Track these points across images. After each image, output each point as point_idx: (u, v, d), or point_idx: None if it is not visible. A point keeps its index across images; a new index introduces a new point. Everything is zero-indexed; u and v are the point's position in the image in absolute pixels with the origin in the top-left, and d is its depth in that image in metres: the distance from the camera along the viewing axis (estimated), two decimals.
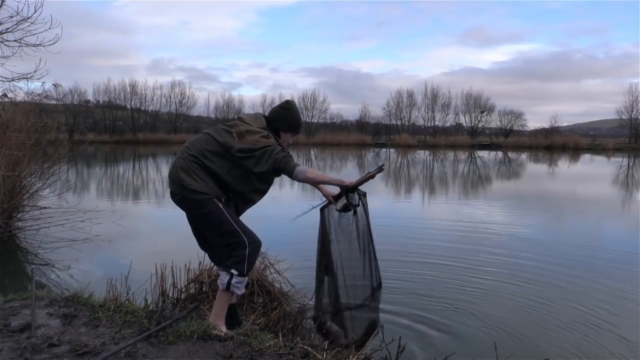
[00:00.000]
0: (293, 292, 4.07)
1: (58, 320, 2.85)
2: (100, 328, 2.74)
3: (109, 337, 2.60)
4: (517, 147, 54.22)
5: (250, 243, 2.89)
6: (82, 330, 2.71)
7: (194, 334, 2.59)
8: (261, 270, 4.04)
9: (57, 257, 6.07)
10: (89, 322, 2.82)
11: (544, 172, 24.92)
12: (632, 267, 5.93)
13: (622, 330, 3.98)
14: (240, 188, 3.02)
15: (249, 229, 2.98)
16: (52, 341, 2.51)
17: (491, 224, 8.94)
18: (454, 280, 5.24)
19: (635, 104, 60.76)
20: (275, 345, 2.52)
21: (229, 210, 2.96)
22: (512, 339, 3.74)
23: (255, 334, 2.68)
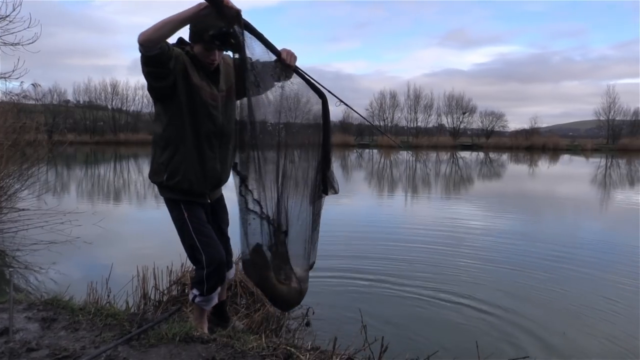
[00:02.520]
0: None
1: (37, 324, 2.80)
2: (80, 331, 2.70)
3: (89, 340, 2.57)
4: (498, 148, 54.91)
5: (209, 264, 2.63)
6: (62, 334, 2.67)
7: (176, 336, 2.57)
8: (244, 271, 4.02)
9: (36, 260, 5.97)
10: (68, 326, 2.77)
11: (524, 173, 25.26)
12: (612, 265, 6.06)
13: (602, 327, 4.06)
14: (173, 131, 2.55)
15: (213, 243, 2.68)
16: (31, 345, 2.47)
17: (474, 223, 9.04)
18: (437, 279, 5.28)
19: (612, 106, 62.05)
20: (258, 347, 2.51)
21: (194, 216, 2.67)
22: (494, 337, 3.78)
23: (238, 336, 2.66)
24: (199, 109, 2.53)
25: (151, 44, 2.24)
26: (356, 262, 5.82)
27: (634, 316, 4.32)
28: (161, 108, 2.55)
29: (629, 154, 47.55)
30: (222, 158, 2.69)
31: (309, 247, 2.60)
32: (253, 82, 2.42)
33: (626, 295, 4.92)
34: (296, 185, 2.57)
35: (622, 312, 4.45)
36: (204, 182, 2.64)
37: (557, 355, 3.54)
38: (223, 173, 2.73)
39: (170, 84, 2.43)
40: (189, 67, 2.50)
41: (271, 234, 2.42)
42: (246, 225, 2.41)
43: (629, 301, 4.74)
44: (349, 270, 5.45)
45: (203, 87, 2.55)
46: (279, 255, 2.42)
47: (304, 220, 2.55)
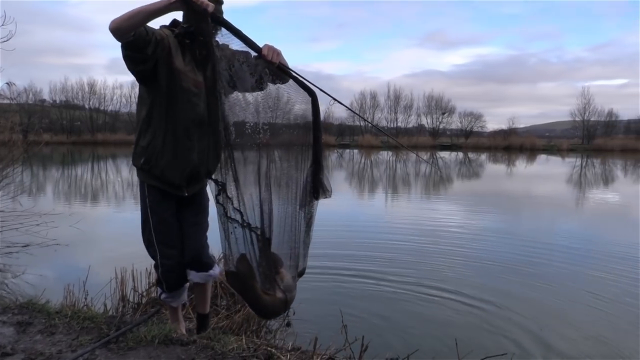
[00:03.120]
0: None
1: (12, 328, 2.75)
2: (57, 335, 2.66)
3: (66, 344, 2.53)
4: (477, 148, 55.62)
5: (162, 264, 2.57)
6: (38, 338, 2.63)
7: (155, 338, 2.55)
8: (224, 272, 4.00)
9: (10, 263, 5.85)
10: (44, 330, 2.73)
11: (503, 173, 25.62)
12: (589, 260, 6.20)
13: (580, 321, 4.15)
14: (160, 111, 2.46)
15: (171, 244, 2.59)
16: (6, 350, 2.42)
17: (454, 221, 9.13)
18: (418, 276, 5.32)
19: (587, 107, 63.39)
20: (238, 348, 2.50)
21: (158, 212, 2.57)
22: (473, 335, 3.83)
23: (218, 337, 2.65)
24: (178, 95, 2.43)
25: (121, 32, 2.17)
26: (337, 261, 5.84)
27: (612, 309, 4.42)
28: (144, 90, 2.48)
29: (603, 153, 48.64)
30: (202, 149, 2.52)
31: (299, 253, 2.47)
32: (228, 81, 2.28)
33: (604, 289, 5.06)
34: (282, 190, 2.43)
35: (600, 306, 4.58)
36: (179, 172, 2.50)
37: (535, 351, 3.60)
38: (201, 165, 2.55)
39: (149, 68, 2.35)
40: (174, 50, 2.40)
41: (254, 242, 2.30)
42: (228, 235, 2.28)
43: (607, 294, 4.88)
44: (330, 270, 5.46)
45: (186, 72, 2.43)
46: (264, 263, 2.31)
47: (292, 226, 2.42)
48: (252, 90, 2.41)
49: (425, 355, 3.18)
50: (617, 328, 4.11)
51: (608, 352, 3.63)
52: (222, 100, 2.23)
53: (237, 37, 2.29)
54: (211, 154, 2.53)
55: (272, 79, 2.40)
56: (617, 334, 3.98)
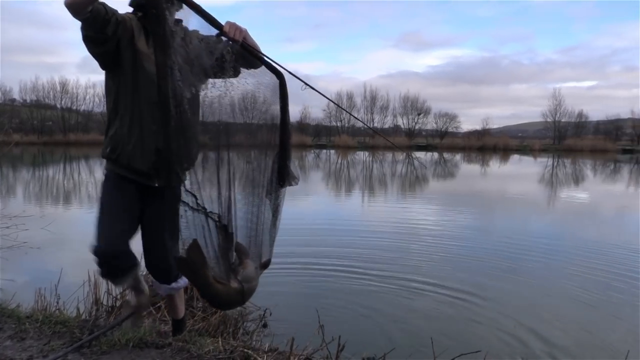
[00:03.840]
0: None
1: None
2: (28, 340, 2.60)
3: (37, 349, 2.48)
4: (452, 148, 56.41)
5: (94, 248, 2.36)
6: (7, 343, 2.56)
7: (130, 342, 2.51)
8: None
9: None
10: (14, 335, 2.67)
11: (477, 173, 26.01)
12: (561, 255, 6.35)
13: (554, 316, 4.24)
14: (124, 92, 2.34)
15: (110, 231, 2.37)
16: None
17: (428, 222, 9.23)
18: (393, 277, 5.36)
19: (558, 108, 64.98)
20: (215, 350, 2.49)
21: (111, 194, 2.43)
22: (448, 333, 3.87)
23: (194, 340, 2.63)
24: (141, 78, 2.31)
25: (76, 6, 2.06)
26: (313, 261, 5.84)
27: (588, 301, 4.55)
28: (109, 78, 2.39)
29: (574, 153, 49.91)
30: (169, 134, 2.35)
31: (262, 243, 2.34)
32: (184, 59, 2.08)
33: (579, 282, 5.22)
34: (245, 176, 2.31)
35: (575, 298, 4.73)
36: (146, 159, 2.35)
37: (508, 348, 3.67)
38: (172, 152, 2.33)
39: (109, 50, 2.25)
40: (137, 32, 2.30)
41: (211, 228, 2.15)
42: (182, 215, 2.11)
43: (582, 288, 5.04)
44: (306, 269, 5.47)
45: (149, 54, 2.28)
46: (223, 251, 2.17)
47: (256, 214, 2.29)
48: (212, 72, 2.23)
49: (401, 354, 3.21)
50: (593, 320, 4.24)
51: (585, 344, 3.72)
52: (173, 76, 2.04)
53: (196, 13, 2.13)
54: (182, 139, 2.33)
55: (235, 60, 2.22)
56: (592, 325, 4.11)
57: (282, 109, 2.32)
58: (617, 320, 4.30)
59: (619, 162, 37.64)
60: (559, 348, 3.67)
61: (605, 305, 4.66)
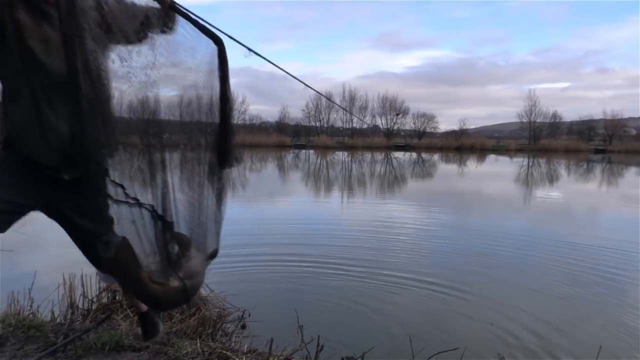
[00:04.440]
0: (212, 297, 4.01)
1: None
2: (0, 346, 2.54)
3: (10, 354, 2.42)
4: (430, 148, 57.01)
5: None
6: None
7: (106, 345, 2.48)
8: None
9: None
10: None
11: (455, 172, 26.31)
12: (536, 252, 6.48)
13: (527, 313, 4.31)
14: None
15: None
16: None
17: (405, 221, 9.30)
18: (372, 274, 5.39)
19: (533, 109, 66.13)
20: (193, 352, 2.47)
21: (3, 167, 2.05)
22: (427, 330, 3.92)
23: (172, 342, 2.61)
24: (26, 54, 1.96)
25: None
26: (291, 260, 5.84)
27: (560, 298, 4.64)
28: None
29: (549, 153, 50.93)
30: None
31: (207, 232, 2.08)
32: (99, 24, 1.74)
33: (554, 277, 5.35)
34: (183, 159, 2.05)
35: (550, 293, 4.84)
36: (48, 148, 2.00)
37: (486, 344, 3.72)
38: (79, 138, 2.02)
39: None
40: (19, 3, 1.93)
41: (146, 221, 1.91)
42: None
43: (555, 284, 5.16)
44: (285, 269, 5.46)
45: (30, 26, 1.93)
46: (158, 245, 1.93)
47: (197, 200, 2.03)
48: (136, 37, 1.92)
49: (381, 353, 3.23)
50: (568, 315, 4.34)
51: (560, 339, 3.79)
52: (83, 45, 1.71)
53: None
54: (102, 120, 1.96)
55: (164, 23, 1.93)
56: (568, 320, 4.21)
57: (222, 79, 2.03)
58: (592, 314, 4.42)
59: (591, 161, 38.52)
60: (534, 343, 3.74)
61: (581, 299, 4.80)
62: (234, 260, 5.65)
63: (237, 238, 6.80)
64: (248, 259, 5.80)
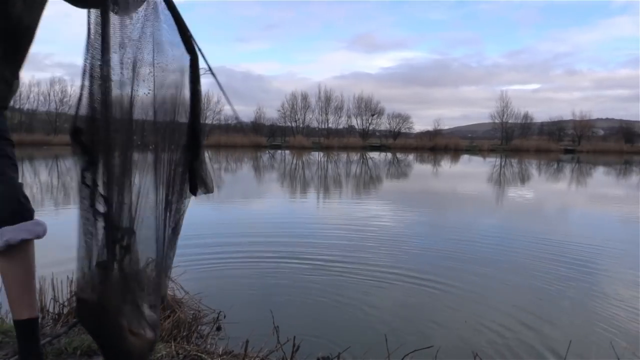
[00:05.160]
0: (187, 299, 3.97)
1: None
2: None
3: None
4: (405, 149, 57.56)
5: None
6: None
7: (77, 350, 2.43)
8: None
9: None
10: None
11: (429, 172, 26.60)
12: (510, 250, 6.59)
13: (501, 310, 4.39)
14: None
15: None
16: None
17: (381, 220, 9.36)
18: (346, 276, 5.40)
19: (505, 110, 67.39)
20: (167, 355, 2.44)
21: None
22: (402, 329, 3.95)
23: None
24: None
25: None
26: (266, 259, 5.82)
27: (533, 293, 4.73)
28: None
29: (520, 153, 51.97)
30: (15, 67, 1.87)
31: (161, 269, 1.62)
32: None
33: (525, 273, 5.46)
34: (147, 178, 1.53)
35: (522, 289, 4.89)
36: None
37: (460, 343, 3.77)
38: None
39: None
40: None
41: (115, 242, 1.36)
42: (86, 230, 1.32)
43: (528, 279, 5.25)
44: (261, 271, 5.44)
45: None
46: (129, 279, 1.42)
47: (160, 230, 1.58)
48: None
49: (356, 352, 3.24)
50: (542, 310, 4.40)
51: (534, 334, 3.86)
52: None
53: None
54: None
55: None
56: (541, 315, 4.27)
57: (193, 96, 1.66)
58: (565, 308, 4.52)
59: (561, 161, 39.45)
60: (508, 338, 3.80)
61: (554, 294, 4.91)
62: (209, 261, 5.61)
63: (213, 238, 6.75)
64: (224, 260, 5.76)
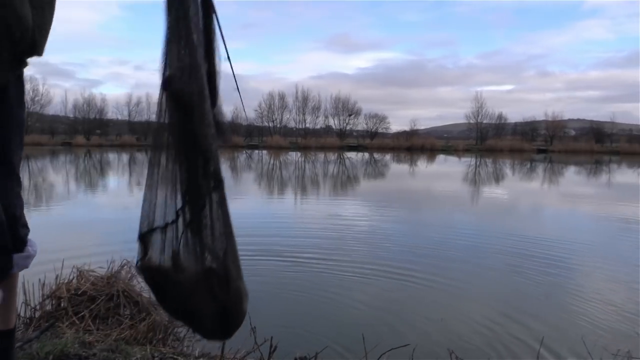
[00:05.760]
0: None
1: None
2: None
3: None
4: (382, 149, 57.91)
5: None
6: None
7: (49, 355, 2.38)
8: (128, 280, 3.83)
9: None
10: None
11: (406, 172, 26.83)
12: (484, 248, 6.69)
13: (476, 308, 4.46)
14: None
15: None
16: None
17: (359, 218, 9.41)
18: (324, 273, 5.42)
19: (480, 110, 68.35)
20: (143, 358, 2.41)
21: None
22: (379, 327, 3.97)
23: (121, 348, 2.53)
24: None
25: None
26: (245, 260, 5.77)
27: (507, 290, 4.81)
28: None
29: (495, 153, 52.84)
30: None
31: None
32: None
33: (497, 272, 5.54)
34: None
35: (497, 285, 4.98)
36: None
37: (437, 343, 3.81)
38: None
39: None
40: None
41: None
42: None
43: (503, 275, 5.40)
44: None
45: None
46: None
47: None
48: None
49: (334, 352, 3.26)
50: (516, 306, 4.46)
51: (510, 331, 3.93)
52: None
53: None
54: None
55: None
56: (514, 310, 4.34)
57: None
58: (538, 304, 4.60)
59: (534, 161, 40.21)
60: (484, 335, 3.86)
61: (528, 289, 5.01)
62: None
63: None
64: None
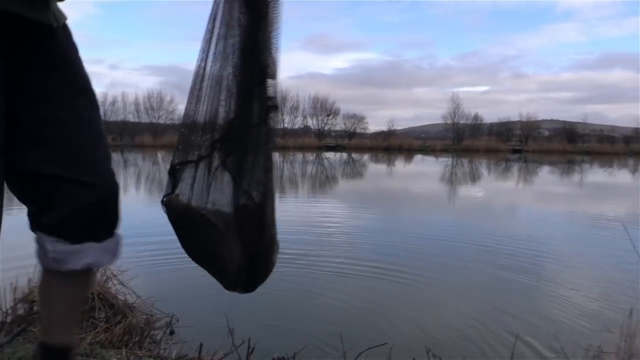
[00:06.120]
0: (139, 303, 3.87)
1: None
2: None
3: None
4: (360, 149, 58.23)
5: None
6: None
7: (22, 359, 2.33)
8: (103, 282, 3.77)
9: None
10: None
11: (384, 172, 27.01)
12: (462, 249, 6.76)
13: (455, 308, 4.51)
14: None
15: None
16: None
17: (338, 217, 9.43)
18: (303, 271, 5.42)
19: (456, 111, 69.25)
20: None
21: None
22: (358, 327, 3.99)
23: (96, 352, 2.49)
24: None
25: None
26: None
27: (483, 289, 4.88)
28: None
29: (471, 153, 53.61)
30: None
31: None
32: None
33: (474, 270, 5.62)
34: None
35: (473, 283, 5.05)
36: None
37: (415, 341, 3.84)
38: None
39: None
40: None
41: None
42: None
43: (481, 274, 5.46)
44: None
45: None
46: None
47: None
48: None
49: (312, 352, 3.26)
50: (493, 304, 4.53)
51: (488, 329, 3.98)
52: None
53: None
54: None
55: None
56: (490, 308, 4.40)
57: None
58: (515, 302, 4.66)
59: (509, 161, 40.89)
60: (461, 332, 3.91)
61: (503, 288, 5.09)
62: (161, 263, 5.49)
63: (164, 238, 6.60)
64: (176, 261, 5.63)
